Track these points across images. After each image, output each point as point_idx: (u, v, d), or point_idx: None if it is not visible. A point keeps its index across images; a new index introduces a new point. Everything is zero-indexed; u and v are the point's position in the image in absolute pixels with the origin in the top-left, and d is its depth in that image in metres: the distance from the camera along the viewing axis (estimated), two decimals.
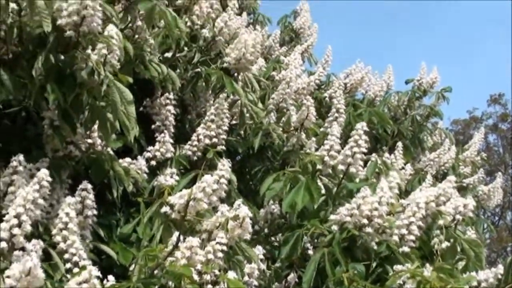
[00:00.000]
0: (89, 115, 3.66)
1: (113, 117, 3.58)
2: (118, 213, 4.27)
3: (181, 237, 2.99)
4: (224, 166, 3.43)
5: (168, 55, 5.09)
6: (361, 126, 4.15)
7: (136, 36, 4.62)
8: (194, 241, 2.97)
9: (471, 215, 4.05)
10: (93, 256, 3.54)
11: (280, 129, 5.50)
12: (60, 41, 3.46)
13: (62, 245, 3.16)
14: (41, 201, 3.01)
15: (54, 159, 3.77)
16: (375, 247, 3.69)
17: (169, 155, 4.62)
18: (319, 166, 4.30)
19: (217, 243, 3.01)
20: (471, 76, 36.22)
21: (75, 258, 3.13)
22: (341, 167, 4.17)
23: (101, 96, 3.53)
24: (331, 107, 5.81)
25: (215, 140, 4.67)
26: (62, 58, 3.49)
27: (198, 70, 5.17)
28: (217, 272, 2.98)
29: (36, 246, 2.91)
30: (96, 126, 3.83)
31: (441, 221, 3.90)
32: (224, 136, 4.72)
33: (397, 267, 3.43)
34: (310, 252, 4.06)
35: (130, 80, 3.84)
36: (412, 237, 3.72)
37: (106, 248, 3.74)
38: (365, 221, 3.68)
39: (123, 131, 3.71)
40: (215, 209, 3.28)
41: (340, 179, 4.28)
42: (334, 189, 4.34)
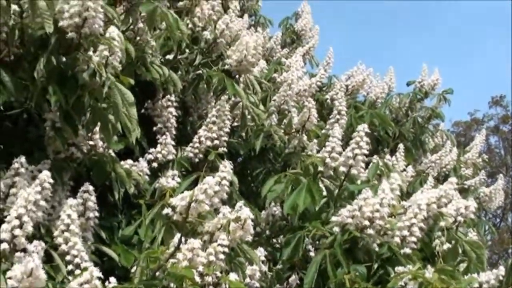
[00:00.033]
0: (91, 117, 3.66)
1: (115, 119, 3.58)
2: (120, 215, 4.27)
3: (183, 239, 2.99)
4: (226, 168, 3.43)
5: (170, 57, 5.09)
6: (363, 128, 4.15)
7: (138, 38, 4.62)
8: (196, 243, 2.97)
9: (473, 217, 4.05)
10: (95, 258, 3.54)
11: (282, 131, 5.50)
12: (62, 43, 3.46)
13: (64, 247, 3.16)
14: (43, 203, 3.01)
15: (56, 161, 3.77)
16: (377, 249, 3.69)
17: (171, 157, 4.62)
18: (321, 168, 4.31)
19: (219, 245, 3.01)
20: (473, 78, 36.30)
21: (77, 260, 3.13)
22: (343, 169, 4.17)
23: (103, 98, 3.53)
24: (333, 109, 5.81)
25: (217, 142, 4.67)
26: (64, 60, 3.50)
27: (200, 72, 5.18)
28: (219, 274, 2.98)
29: (38, 248, 2.92)
30: (98, 128, 3.83)
31: (443, 223, 3.89)
32: (226, 138, 4.72)
33: (399, 269, 3.42)
34: (312, 254, 4.06)
35: (132, 82, 3.84)
36: (414, 239, 3.72)
37: (108, 250, 3.74)
38: (367, 223, 3.68)
39: (125, 133, 3.70)
40: (217, 211, 3.28)
41: (342, 181, 4.28)
42: (336, 191, 4.34)
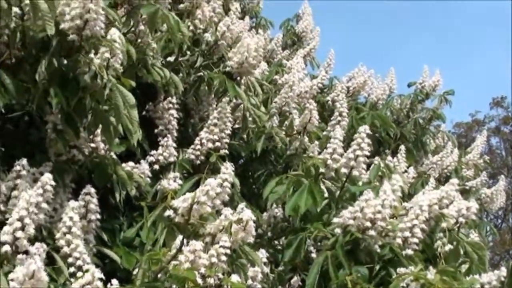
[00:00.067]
0: (92, 119, 3.66)
1: (116, 121, 3.59)
2: (121, 217, 4.27)
3: (185, 241, 2.99)
4: (227, 170, 3.43)
5: (171, 59, 5.10)
6: (364, 130, 4.15)
7: (139, 40, 4.63)
8: (198, 245, 2.97)
9: (474, 218, 4.04)
10: (97, 260, 3.54)
11: (283, 133, 5.50)
12: (63, 45, 3.47)
13: (66, 249, 3.16)
14: (45, 205, 3.02)
15: (57, 163, 3.76)
16: (378, 250, 3.69)
17: (172, 159, 4.62)
18: (322, 170, 4.30)
19: (221, 247, 3.01)
20: (473, 79, 36.29)
21: (79, 262, 3.12)
22: (344, 170, 4.17)
23: (104, 100, 3.53)
24: (334, 111, 5.82)
25: (218, 144, 4.67)
26: (65, 62, 3.50)
27: (201, 74, 5.18)
28: (221, 276, 2.98)
29: (40, 250, 2.92)
30: (99, 130, 3.83)
31: (444, 224, 3.89)
32: (227, 140, 4.71)
33: (401, 270, 3.42)
34: (313, 255, 4.06)
35: (133, 84, 3.85)
36: (415, 240, 3.72)
37: (110, 252, 3.73)
38: (368, 224, 3.68)
39: (126, 135, 3.70)
40: (219, 213, 3.28)
41: (343, 182, 4.29)
42: (337, 192, 4.35)
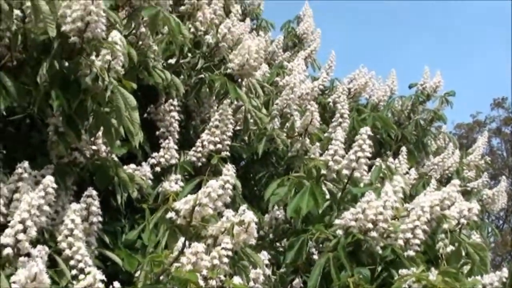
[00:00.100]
0: (94, 121, 3.66)
1: (118, 123, 3.59)
2: (123, 220, 4.27)
3: (187, 243, 2.99)
4: (229, 172, 3.43)
5: (172, 61, 5.10)
6: (365, 131, 4.15)
7: (140, 43, 4.63)
8: (200, 247, 2.96)
9: (476, 219, 4.03)
10: (99, 263, 3.54)
11: (284, 135, 5.50)
12: (65, 48, 3.47)
13: (68, 252, 3.16)
14: (46, 208, 3.02)
15: (59, 166, 3.77)
16: (380, 251, 3.69)
17: (174, 161, 4.62)
18: (324, 171, 4.30)
19: (223, 249, 3.01)
20: (474, 79, 36.27)
21: (81, 265, 3.12)
22: (346, 172, 4.17)
23: (106, 102, 3.54)
24: (335, 112, 5.82)
25: (220, 146, 4.67)
26: (67, 65, 3.51)
27: (202, 76, 5.19)
28: (223, 278, 2.97)
29: (42, 252, 2.91)
30: (101, 133, 3.84)
31: (446, 225, 3.88)
32: (228, 142, 4.72)
33: (402, 271, 3.42)
34: (315, 257, 4.06)
35: (134, 86, 3.85)
36: (417, 241, 3.72)
37: (112, 255, 3.74)
38: (370, 226, 3.68)
39: (128, 138, 3.71)
40: (220, 215, 3.27)
41: (345, 184, 4.29)
42: (339, 194, 4.35)
